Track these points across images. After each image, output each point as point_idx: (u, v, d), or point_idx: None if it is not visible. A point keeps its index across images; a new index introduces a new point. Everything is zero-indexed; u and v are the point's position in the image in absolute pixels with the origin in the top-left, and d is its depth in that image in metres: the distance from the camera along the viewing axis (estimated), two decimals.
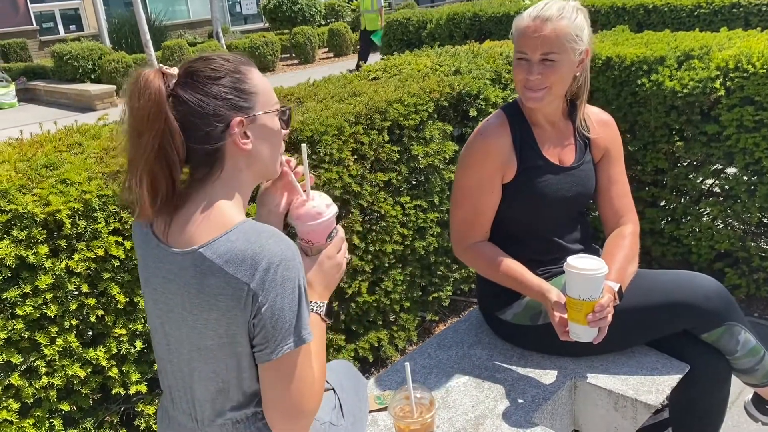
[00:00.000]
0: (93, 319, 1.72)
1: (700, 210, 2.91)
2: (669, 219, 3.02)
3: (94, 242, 1.70)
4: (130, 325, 1.81)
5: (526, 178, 1.78)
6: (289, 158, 1.27)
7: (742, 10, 5.38)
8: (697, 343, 1.74)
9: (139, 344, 1.82)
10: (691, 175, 2.87)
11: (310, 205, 1.23)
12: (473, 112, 2.73)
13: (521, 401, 1.69)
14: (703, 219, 2.91)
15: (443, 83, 2.65)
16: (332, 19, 18.38)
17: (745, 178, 2.69)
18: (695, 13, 5.55)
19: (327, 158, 2.23)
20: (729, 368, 1.75)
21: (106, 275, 1.73)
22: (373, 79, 2.85)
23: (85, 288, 1.69)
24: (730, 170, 2.78)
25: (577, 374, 1.77)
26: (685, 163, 2.93)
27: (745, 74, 2.54)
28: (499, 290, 1.82)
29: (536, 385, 1.75)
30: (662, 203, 3.06)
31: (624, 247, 1.77)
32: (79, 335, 1.74)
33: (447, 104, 2.63)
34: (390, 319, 2.68)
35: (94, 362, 1.76)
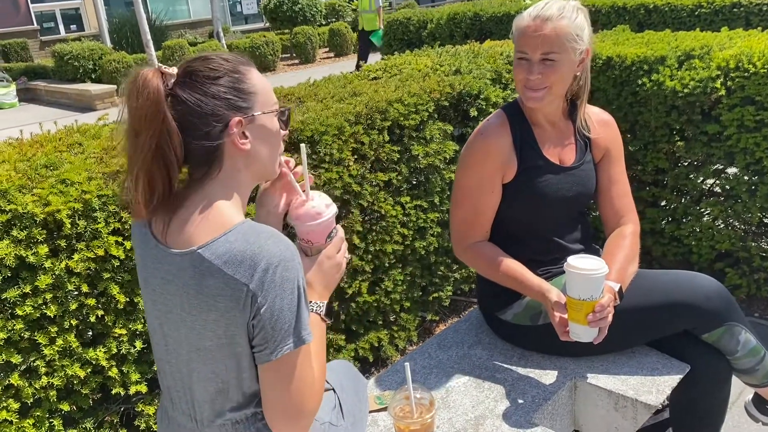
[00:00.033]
0: (93, 319, 1.72)
1: (701, 210, 2.91)
2: (669, 219, 3.02)
3: (94, 242, 1.70)
4: (130, 325, 1.81)
5: (526, 178, 1.78)
6: (289, 158, 1.27)
7: (743, 9, 5.38)
8: (698, 344, 1.74)
9: (139, 344, 1.82)
10: (691, 175, 2.87)
11: (310, 206, 1.23)
12: (474, 112, 2.72)
13: (521, 401, 1.69)
14: (704, 219, 2.91)
15: (444, 83, 2.65)
16: (333, 19, 18.38)
17: (746, 178, 2.69)
18: (696, 13, 5.56)
19: (327, 158, 2.23)
20: (729, 368, 1.74)
21: (106, 275, 1.73)
22: (374, 78, 2.85)
23: (85, 288, 1.69)
24: (731, 170, 2.77)
25: (578, 374, 1.76)
26: (685, 163, 2.92)
27: (746, 74, 2.54)
28: (500, 290, 1.82)
29: (536, 385, 1.75)
30: (663, 203, 3.05)
31: (624, 247, 1.76)
32: (78, 335, 1.74)
33: (447, 104, 2.63)
34: (390, 319, 2.67)
35: (94, 362, 1.76)
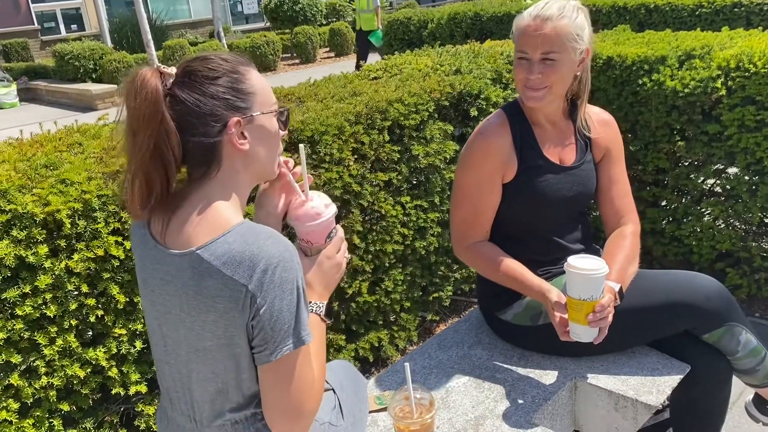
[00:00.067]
0: (93, 319, 1.72)
1: (702, 210, 2.91)
2: (670, 219, 3.02)
3: (94, 242, 1.70)
4: (130, 325, 1.80)
5: (526, 178, 1.77)
6: (288, 159, 1.26)
7: (743, 9, 5.38)
8: (698, 344, 1.73)
9: (138, 344, 1.82)
10: (692, 175, 2.86)
11: (309, 206, 1.23)
12: (474, 112, 2.72)
13: (521, 402, 1.69)
14: (705, 219, 2.90)
15: (444, 83, 2.64)
16: (333, 19, 18.38)
17: (747, 177, 2.68)
18: (697, 13, 5.55)
19: (327, 158, 2.22)
20: (730, 369, 1.74)
21: (106, 275, 1.73)
22: (374, 78, 2.85)
23: (85, 288, 1.69)
24: (732, 170, 2.77)
25: (578, 374, 1.76)
26: (686, 163, 2.92)
27: (747, 74, 2.54)
28: (500, 290, 1.82)
29: (536, 385, 1.75)
30: (663, 203, 3.05)
31: (625, 248, 1.76)
32: (78, 335, 1.74)
33: (448, 104, 2.63)
34: (390, 319, 2.67)
35: (94, 362, 1.76)
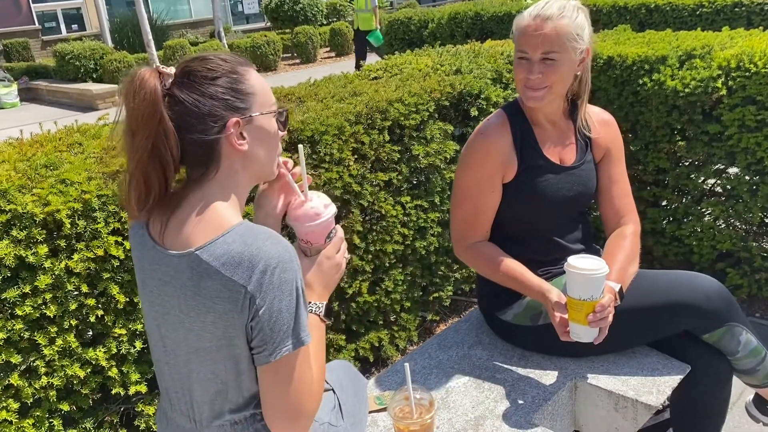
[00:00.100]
0: (92, 319, 1.72)
1: (702, 210, 2.90)
2: (670, 219, 3.02)
3: (94, 242, 1.70)
4: (130, 325, 1.80)
5: (526, 178, 1.77)
6: (287, 159, 1.26)
7: (744, 9, 5.38)
8: (698, 344, 1.73)
9: (138, 344, 1.82)
10: (692, 175, 2.86)
11: (309, 206, 1.23)
12: (474, 112, 2.72)
13: (521, 402, 1.69)
14: (705, 219, 2.90)
15: (444, 83, 2.64)
16: (334, 19, 18.38)
17: (747, 177, 2.68)
18: (697, 13, 5.55)
19: (327, 158, 2.22)
20: (730, 369, 1.74)
21: (106, 275, 1.73)
22: (374, 78, 2.85)
23: (85, 288, 1.69)
24: (732, 170, 2.77)
25: (578, 375, 1.76)
26: (686, 163, 2.92)
27: (747, 74, 2.53)
28: (500, 290, 1.81)
29: (537, 385, 1.75)
30: (664, 203, 3.05)
31: (625, 248, 1.76)
32: (78, 335, 1.74)
33: (448, 104, 2.62)
34: (391, 319, 2.67)
35: (94, 362, 1.76)
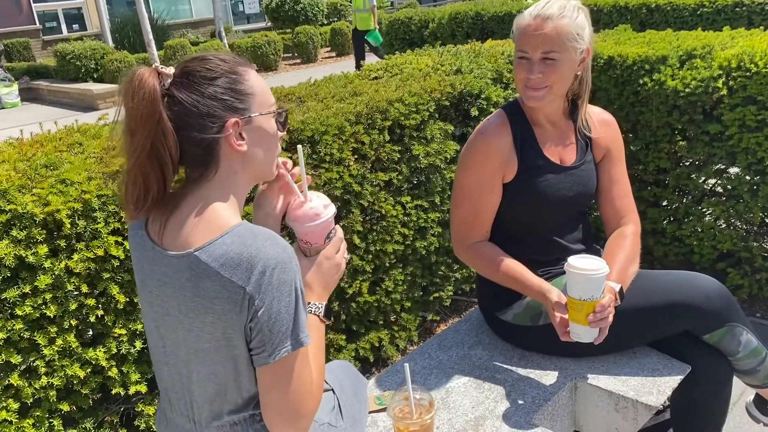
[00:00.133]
0: (92, 319, 1.72)
1: (703, 210, 2.90)
2: (671, 219, 3.01)
3: (94, 242, 1.70)
4: (130, 325, 1.80)
5: (526, 178, 1.77)
6: (286, 160, 1.26)
7: (745, 9, 5.37)
8: (699, 344, 1.73)
9: (138, 344, 1.82)
10: (693, 175, 2.86)
11: (308, 207, 1.23)
12: (474, 112, 2.72)
13: (522, 402, 1.69)
14: (706, 219, 2.90)
15: (444, 83, 2.64)
16: (334, 19, 18.39)
17: (748, 177, 2.68)
18: (698, 12, 5.55)
19: (327, 158, 2.22)
20: (730, 369, 1.74)
21: (106, 275, 1.73)
22: (374, 78, 2.84)
23: (85, 288, 1.69)
24: (733, 170, 2.76)
25: (578, 375, 1.76)
26: (687, 163, 2.92)
27: (748, 74, 2.53)
28: (500, 290, 1.81)
29: (537, 385, 1.74)
30: (664, 203, 3.04)
31: (625, 248, 1.76)
32: (78, 335, 1.74)
33: (448, 104, 2.62)
34: (391, 319, 2.67)
35: (94, 362, 1.76)
